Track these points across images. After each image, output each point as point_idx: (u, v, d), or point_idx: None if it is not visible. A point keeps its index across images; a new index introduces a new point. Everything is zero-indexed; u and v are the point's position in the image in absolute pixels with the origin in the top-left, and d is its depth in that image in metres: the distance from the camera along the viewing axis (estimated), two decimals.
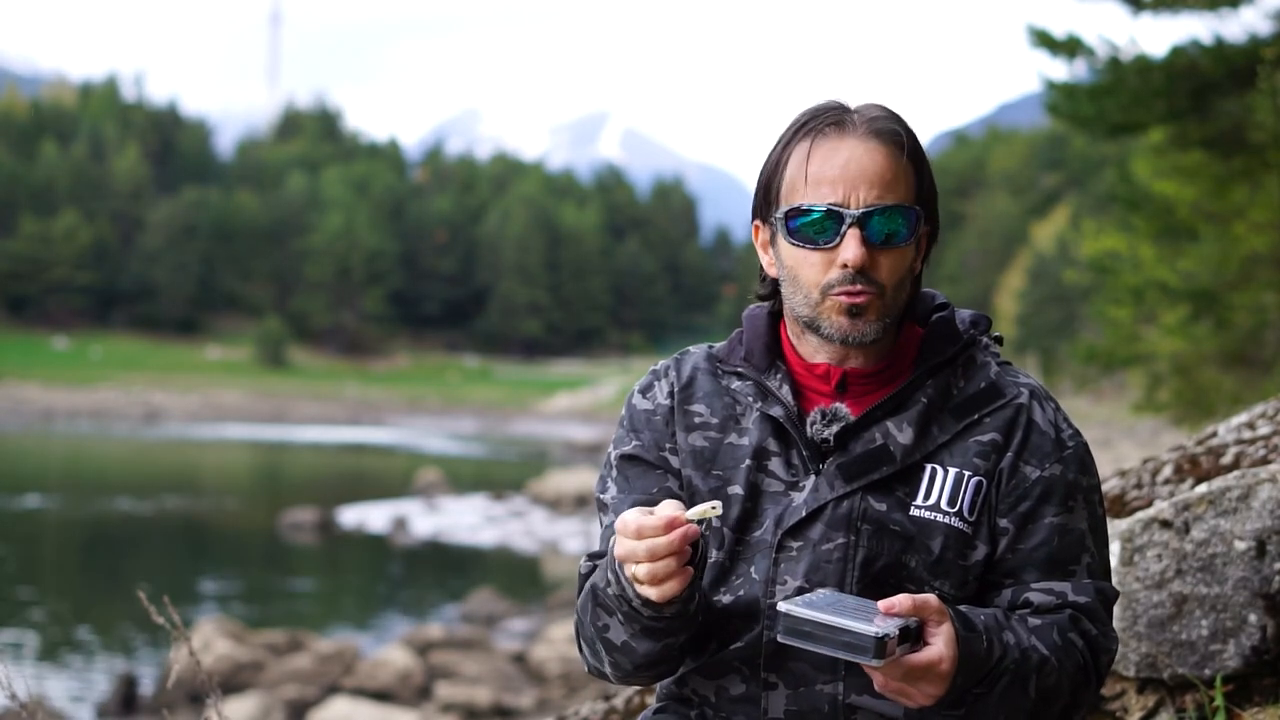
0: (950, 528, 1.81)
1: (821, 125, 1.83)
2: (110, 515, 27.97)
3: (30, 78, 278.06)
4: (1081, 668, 1.78)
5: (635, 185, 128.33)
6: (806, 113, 1.87)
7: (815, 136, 1.83)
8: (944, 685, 1.64)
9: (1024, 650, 1.72)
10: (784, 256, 1.85)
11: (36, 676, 14.08)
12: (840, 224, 1.79)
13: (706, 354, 1.98)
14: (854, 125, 1.82)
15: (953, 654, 1.64)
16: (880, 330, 1.82)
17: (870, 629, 1.58)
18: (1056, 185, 71.42)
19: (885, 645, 1.59)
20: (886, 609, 1.63)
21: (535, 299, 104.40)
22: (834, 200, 1.80)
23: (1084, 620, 1.80)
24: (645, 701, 3.42)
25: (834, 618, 1.60)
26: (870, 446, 1.83)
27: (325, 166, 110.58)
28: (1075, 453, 1.86)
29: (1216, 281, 14.13)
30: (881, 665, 1.60)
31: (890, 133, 1.82)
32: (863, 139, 1.81)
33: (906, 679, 1.63)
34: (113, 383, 77.94)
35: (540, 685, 14.60)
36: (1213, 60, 12.12)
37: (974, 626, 1.69)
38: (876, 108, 1.86)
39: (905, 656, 1.62)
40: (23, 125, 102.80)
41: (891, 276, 1.81)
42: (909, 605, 1.63)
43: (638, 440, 1.94)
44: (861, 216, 1.79)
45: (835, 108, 1.86)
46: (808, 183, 1.81)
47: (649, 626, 1.76)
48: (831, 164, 1.81)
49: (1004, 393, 1.87)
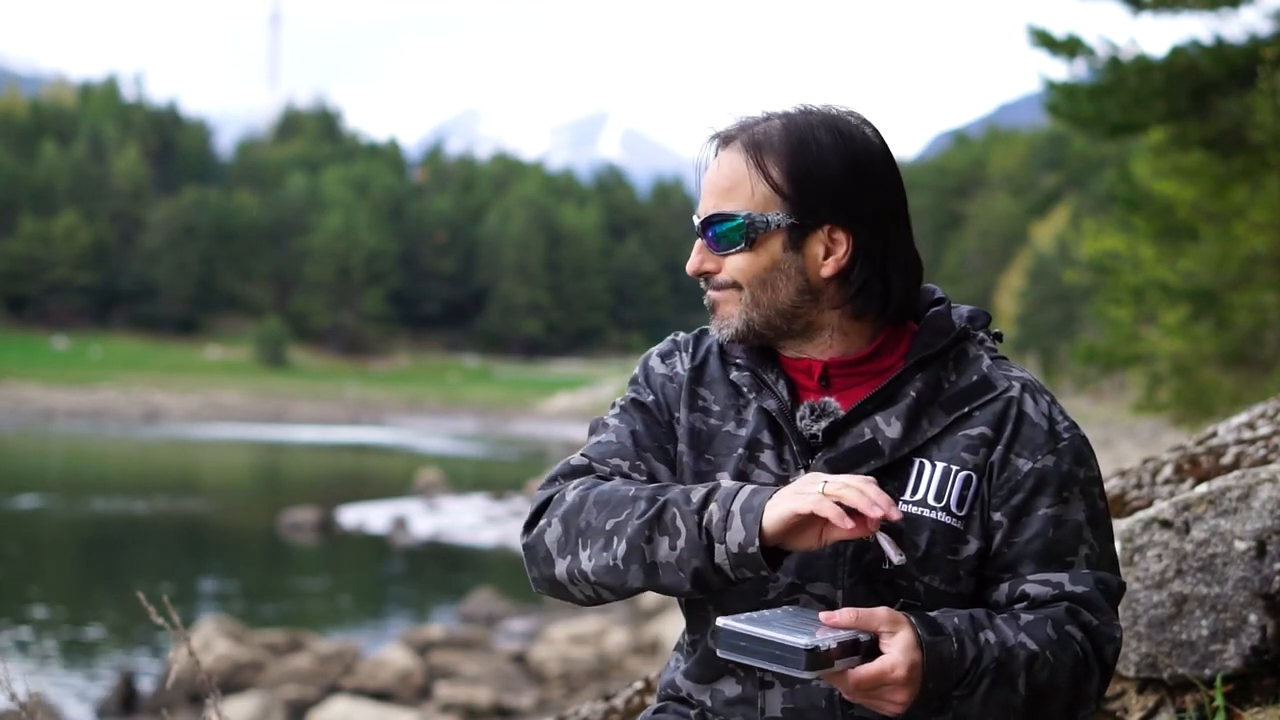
0: (938, 522, 1.80)
1: (714, 140, 1.92)
2: (110, 515, 27.97)
3: (30, 78, 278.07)
4: (1081, 660, 1.77)
5: (635, 185, 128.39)
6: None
7: (712, 153, 1.93)
8: (907, 692, 1.64)
9: (1008, 648, 1.71)
10: None
11: (36, 676, 14.08)
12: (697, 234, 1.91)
13: (718, 340, 1.99)
14: (731, 138, 1.89)
15: (909, 660, 1.63)
16: (742, 324, 1.86)
17: (800, 641, 1.58)
18: (1056, 185, 71.45)
19: (818, 657, 1.58)
20: (827, 621, 1.64)
21: (535, 299, 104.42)
22: (698, 209, 1.91)
23: (1083, 611, 1.79)
24: (645, 701, 3.42)
25: (767, 631, 1.60)
26: (859, 441, 1.83)
27: (325, 166, 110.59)
28: (1070, 444, 1.85)
29: (1216, 281, 14.14)
30: (815, 677, 1.60)
31: (741, 143, 1.87)
32: (721, 150, 1.89)
33: (860, 690, 1.64)
34: (113, 383, 77.97)
35: (540, 685, 14.61)
36: (1213, 60, 12.13)
37: (941, 630, 1.68)
38: (750, 118, 1.90)
39: (852, 669, 1.62)
40: (23, 125, 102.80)
41: (743, 275, 1.85)
42: (850, 618, 1.64)
43: (653, 395, 1.96)
44: (701, 226, 1.89)
45: (730, 125, 1.91)
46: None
47: (703, 571, 1.73)
48: (705, 175, 1.92)
49: (994, 386, 1.86)
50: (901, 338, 1.90)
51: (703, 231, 1.88)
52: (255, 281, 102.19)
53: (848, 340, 1.88)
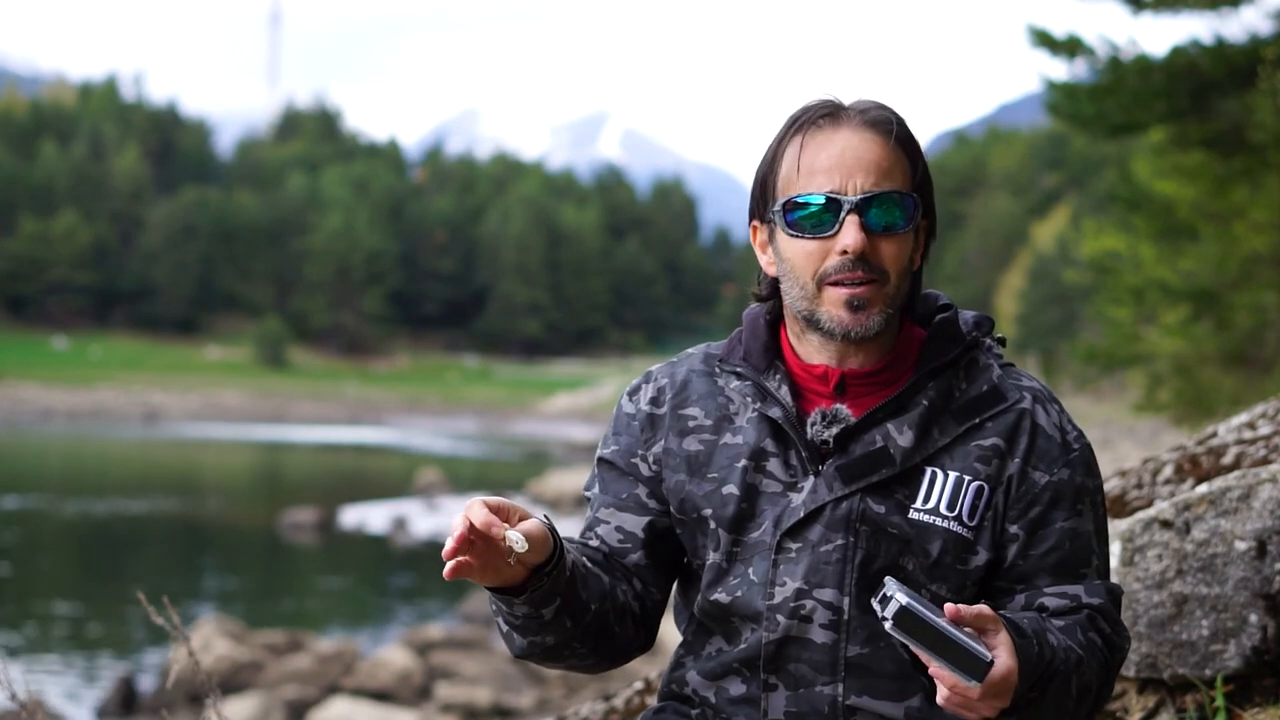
0: (949, 532, 1.81)
1: (814, 119, 1.83)
2: (110, 515, 27.96)
3: (30, 78, 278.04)
4: (1104, 666, 1.79)
5: (635, 185, 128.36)
6: (800, 110, 1.87)
7: (808, 130, 1.83)
8: (1010, 697, 1.62)
9: (1065, 650, 1.72)
10: (783, 250, 1.84)
11: (36, 676, 14.07)
12: (839, 211, 1.78)
13: (704, 354, 1.97)
14: (847, 117, 1.82)
15: (1016, 664, 1.62)
16: (882, 323, 1.81)
17: (983, 651, 1.58)
18: (1056, 185, 71.40)
19: (989, 667, 1.59)
20: (953, 615, 1.60)
21: (535, 299, 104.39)
22: (831, 188, 1.79)
23: (1099, 619, 1.81)
24: (645, 702, 3.42)
25: (953, 630, 1.58)
26: (870, 448, 1.82)
27: (325, 166, 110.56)
28: (1081, 455, 1.86)
29: (1216, 281, 14.14)
30: (980, 687, 1.59)
31: (884, 121, 1.82)
32: (856, 129, 1.81)
33: (981, 696, 1.60)
34: (113, 383, 77.91)
35: (540, 685, 14.59)
36: (1213, 60, 12.12)
37: (1025, 632, 1.67)
38: (869, 101, 1.87)
39: (992, 674, 1.61)
40: (23, 125, 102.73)
41: (894, 264, 1.80)
42: (973, 614, 1.61)
43: (615, 445, 1.96)
44: (860, 203, 1.78)
45: (828, 103, 1.86)
46: (802, 175, 1.81)
47: (510, 622, 1.82)
48: (826, 154, 1.80)
49: (1006, 397, 1.86)
50: (910, 345, 1.89)
51: (861, 208, 1.79)
52: (255, 281, 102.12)
53: (890, 339, 1.87)
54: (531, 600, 1.77)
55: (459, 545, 1.70)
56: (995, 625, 1.62)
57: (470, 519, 1.71)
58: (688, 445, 1.91)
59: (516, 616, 1.79)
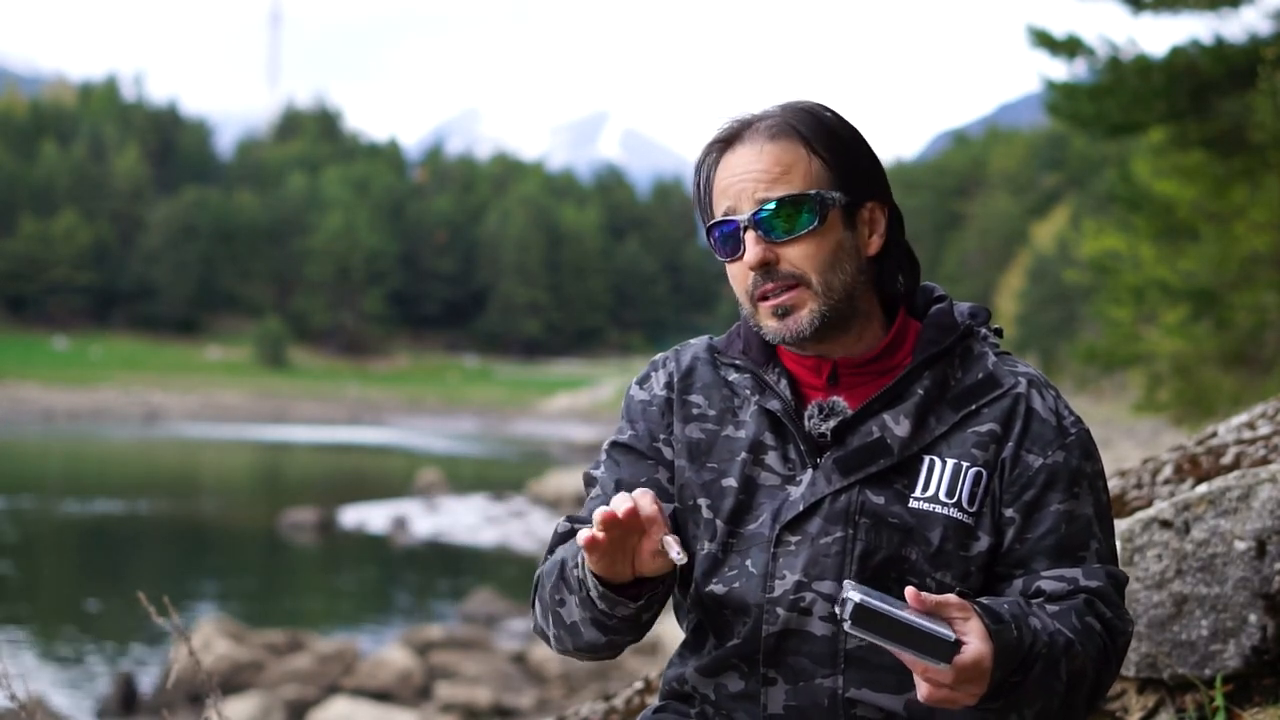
0: (949, 519, 1.81)
1: (717, 141, 1.87)
2: (110, 515, 27.96)
3: (30, 78, 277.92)
4: (1102, 650, 1.78)
5: (635, 185, 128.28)
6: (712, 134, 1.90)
7: (714, 153, 1.88)
8: (986, 682, 1.62)
9: (1051, 634, 1.71)
10: (727, 273, 1.90)
11: (36, 676, 14.07)
12: (740, 231, 1.83)
13: (707, 345, 1.99)
14: (750, 132, 1.85)
15: (990, 649, 1.61)
16: (817, 320, 1.82)
17: (945, 631, 1.58)
18: (1056, 185, 71.40)
19: (957, 648, 1.58)
20: (914, 600, 1.60)
21: (535, 299, 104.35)
22: (726, 208, 1.84)
23: (1098, 603, 1.79)
24: (645, 701, 3.42)
25: (910, 617, 1.58)
26: (867, 439, 1.83)
27: (325, 166, 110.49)
28: (1078, 439, 1.85)
29: (1216, 281, 14.14)
30: (949, 669, 1.58)
31: (781, 127, 1.83)
32: (755, 142, 1.84)
33: (954, 683, 1.61)
34: (113, 383, 77.90)
35: (540, 685, 14.60)
36: (1213, 60, 12.12)
37: (1001, 618, 1.66)
38: (777, 107, 1.88)
39: (960, 659, 1.60)
40: (23, 125, 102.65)
41: (809, 263, 1.81)
42: (934, 601, 1.61)
43: (632, 430, 1.96)
44: (750, 219, 1.82)
45: (734, 123, 1.88)
46: (714, 200, 1.86)
47: (598, 619, 1.81)
48: (725, 176, 1.85)
49: (1001, 383, 1.86)
50: (906, 336, 1.90)
51: (755, 224, 1.82)
52: (255, 281, 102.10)
53: (871, 330, 1.87)
54: (648, 605, 1.80)
55: (609, 521, 1.70)
56: (964, 612, 1.62)
57: (639, 506, 1.71)
58: (690, 432, 1.91)
59: (615, 616, 1.80)
